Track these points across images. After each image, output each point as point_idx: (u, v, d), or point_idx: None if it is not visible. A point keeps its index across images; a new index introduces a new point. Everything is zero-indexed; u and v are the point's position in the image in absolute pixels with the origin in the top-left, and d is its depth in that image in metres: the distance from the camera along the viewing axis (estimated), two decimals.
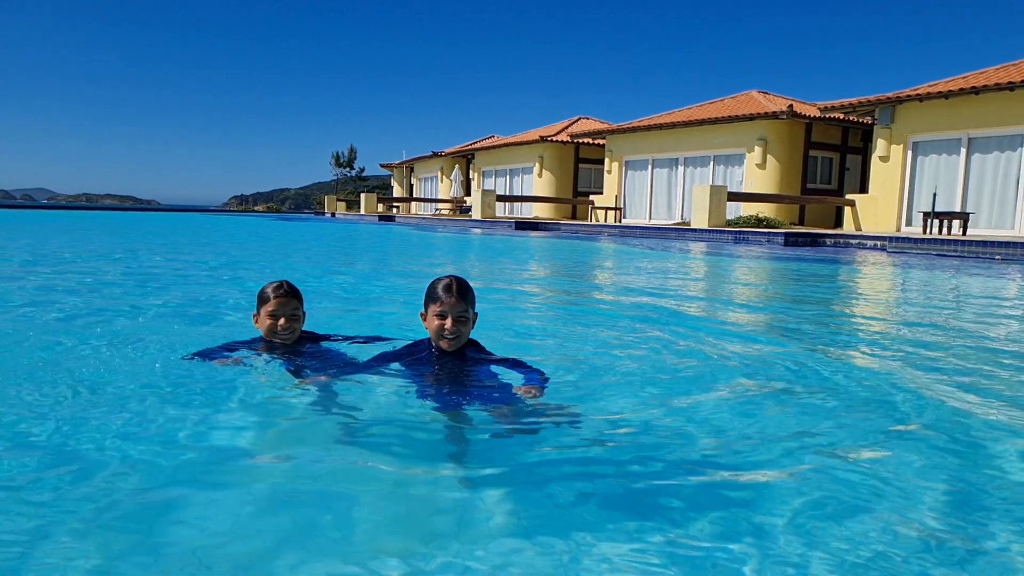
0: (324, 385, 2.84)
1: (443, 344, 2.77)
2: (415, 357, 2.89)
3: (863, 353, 4.23)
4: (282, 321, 3.15)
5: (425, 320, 2.81)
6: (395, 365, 2.93)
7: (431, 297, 2.77)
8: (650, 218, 26.18)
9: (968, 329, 5.25)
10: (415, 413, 2.61)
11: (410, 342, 3.00)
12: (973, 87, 16.52)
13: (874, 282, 9.28)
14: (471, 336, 2.90)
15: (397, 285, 7.93)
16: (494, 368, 2.90)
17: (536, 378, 2.81)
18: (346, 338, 3.63)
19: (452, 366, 2.83)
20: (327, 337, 3.54)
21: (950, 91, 16.96)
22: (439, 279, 2.80)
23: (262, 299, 3.19)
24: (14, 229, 18.54)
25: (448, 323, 2.72)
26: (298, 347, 3.28)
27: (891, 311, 6.52)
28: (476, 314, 2.85)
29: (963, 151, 17.56)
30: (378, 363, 2.95)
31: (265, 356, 3.19)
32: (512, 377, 2.88)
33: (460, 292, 2.73)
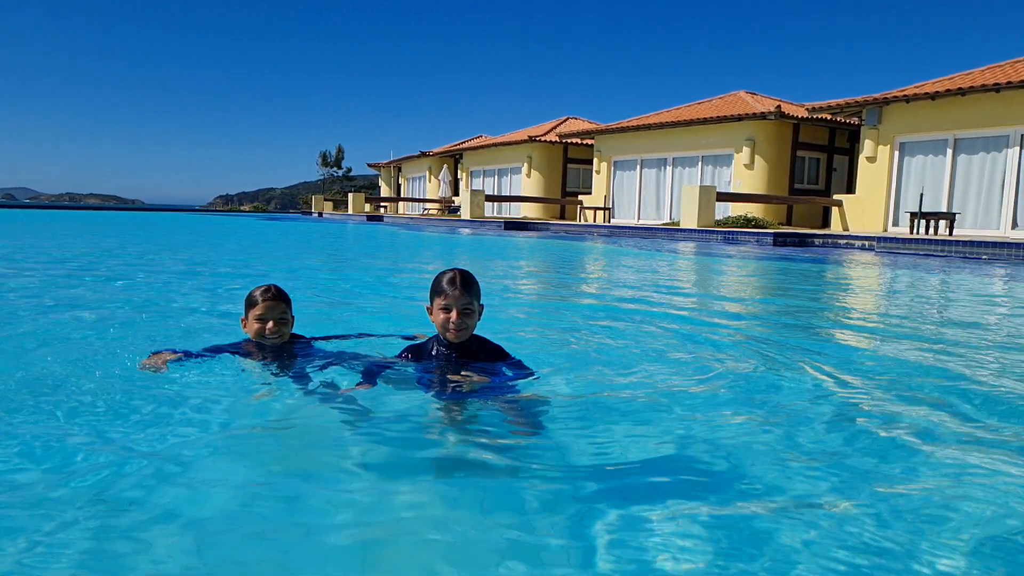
0: (341, 390, 2.79)
1: (449, 336, 2.80)
2: (423, 354, 2.91)
3: (874, 353, 4.20)
4: (270, 325, 3.13)
5: (431, 314, 2.83)
6: (403, 362, 2.94)
7: (436, 291, 2.79)
8: (638, 218, 26.19)
9: (983, 328, 5.23)
10: (422, 410, 2.59)
11: (418, 341, 3.02)
12: (960, 88, 16.63)
13: (870, 281, 9.29)
14: (477, 332, 2.90)
15: (389, 283, 7.84)
16: (497, 364, 2.91)
17: (519, 375, 2.84)
18: (335, 337, 3.60)
19: (458, 362, 2.84)
20: (316, 339, 3.50)
21: (937, 92, 17.07)
22: (444, 272, 2.82)
23: (250, 303, 3.17)
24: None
25: (453, 315, 2.75)
26: (289, 348, 3.25)
27: (894, 311, 6.51)
28: (482, 306, 2.87)
29: (949, 152, 17.68)
30: (388, 361, 2.95)
31: (258, 359, 3.13)
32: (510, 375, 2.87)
33: (465, 284, 2.75)
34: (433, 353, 2.89)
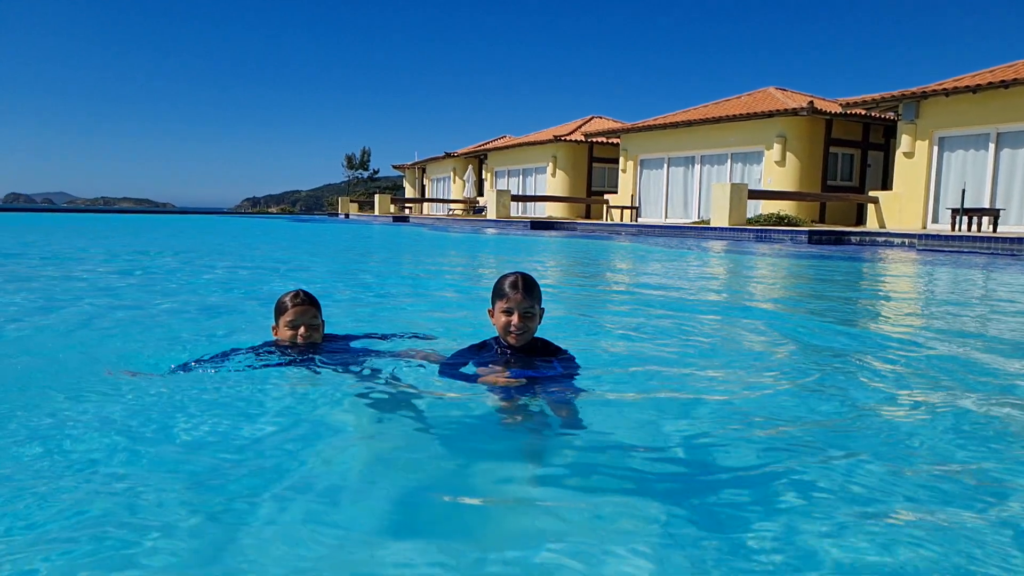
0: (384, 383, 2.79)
1: (510, 339, 2.77)
2: (484, 355, 2.86)
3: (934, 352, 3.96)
4: (302, 330, 3.09)
5: (493, 317, 2.81)
6: (465, 364, 2.90)
7: (498, 294, 2.76)
8: (666, 217, 25.87)
9: None
10: (483, 413, 2.55)
11: (478, 342, 2.96)
12: (1002, 81, 16.11)
13: (920, 281, 8.96)
14: (539, 335, 2.87)
15: (422, 283, 7.72)
16: (560, 366, 2.85)
17: (573, 374, 2.82)
18: (365, 337, 3.55)
19: (521, 364, 2.79)
20: (349, 337, 3.46)
21: (978, 85, 16.56)
22: (505, 276, 2.79)
23: (279, 310, 3.13)
24: (40, 231, 18.49)
25: (515, 319, 2.72)
26: (322, 347, 3.18)
27: (956, 312, 6.22)
28: (543, 309, 2.84)
29: (991, 146, 17.15)
30: (448, 362, 2.92)
31: (297, 358, 3.05)
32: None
33: (526, 288, 2.73)
34: (496, 354, 2.84)
